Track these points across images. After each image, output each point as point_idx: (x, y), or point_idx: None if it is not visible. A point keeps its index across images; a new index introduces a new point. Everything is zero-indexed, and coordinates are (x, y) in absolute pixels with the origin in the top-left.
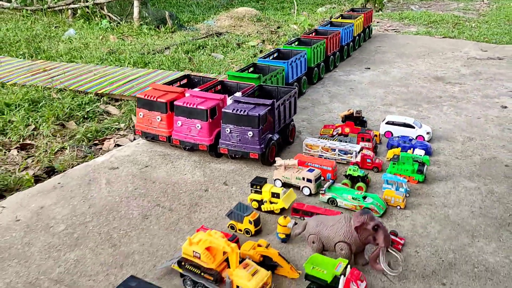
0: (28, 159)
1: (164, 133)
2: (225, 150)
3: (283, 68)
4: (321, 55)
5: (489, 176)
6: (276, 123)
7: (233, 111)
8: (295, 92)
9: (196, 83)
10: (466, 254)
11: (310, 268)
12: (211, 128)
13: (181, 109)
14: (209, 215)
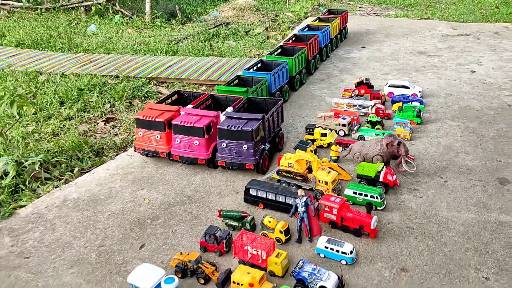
0: (115, 128)
1: (164, 150)
2: (223, 162)
3: (267, 79)
4: (303, 62)
5: (465, 117)
6: (266, 134)
7: (228, 127)
8: (281, 103)
9: (186, 98)
10: (454, 162)
11: (360, 170)
12: (208, 144)
13: (179, 127)
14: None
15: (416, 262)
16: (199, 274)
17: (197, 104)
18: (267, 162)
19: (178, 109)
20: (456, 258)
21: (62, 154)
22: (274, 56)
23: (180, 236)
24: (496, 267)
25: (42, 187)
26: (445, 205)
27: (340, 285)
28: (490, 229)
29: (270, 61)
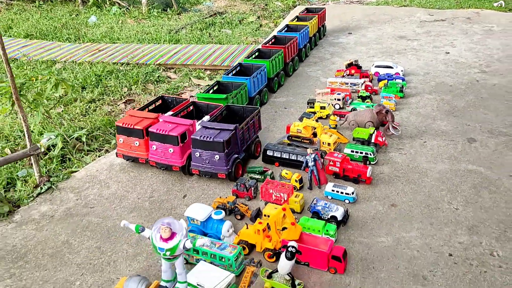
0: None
1: (143, 156)
2: (197, 171)
3: (246, 84)
4: (280, 64)
5: (440, 91)
6: (241, 143)
7: (201, 138)
8: (258, 111)
9: (170, 103)
10: (431, 127)
11: (356, 133)
12: (182, 151)
13: (155, 135)
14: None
15: (402, 199)
16: (236, 212)
17: (177, 111)
18: (240, 170)
19: (157, 117)
20: (433, 196)
21: (96, 130)
22: (252, 60)
23: (213, 188)
24: (463, 201)
25: (86, 157)
26: (424, 159)
27: (346, 216)
28: (460, 175)
29: (248, 64)
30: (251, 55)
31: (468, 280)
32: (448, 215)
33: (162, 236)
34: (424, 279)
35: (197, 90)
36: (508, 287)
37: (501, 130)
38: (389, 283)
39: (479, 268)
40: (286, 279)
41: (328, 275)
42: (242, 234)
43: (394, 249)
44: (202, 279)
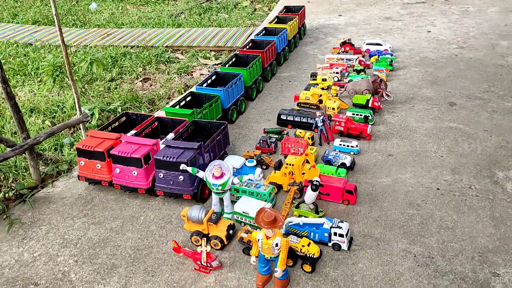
0: (151, 86)
1: (106, 179)
2: (161, 192)
3: (218, 96)
4: (258, 70)
5: (424, 64)
6: (207, 161)
7: (164, 158)
8: (225, 127)
9: (134, 119)
10: (417, 94)
11: (355, 100)
12: (147, 173)
13: (117, 158)
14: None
15: (397, 150)
16: (261, 163)
17: (141, 128)
18: (207, 191)
19: (118, 137)
20: (422, 147)
21: (124, 104)
22: (228, 68)
23: (238, 146)
24: (447, 150)
25: None
26: (413, 120)
27: (353, 163)
28: (443, 131)
29: (224, 72)
30: (228, 61)
31: (452, 205)
32: (435, 161)
33: (214, 174)
34: (417, 206)
35: (206, 69)
36: (482, 209)
37: (477, 95)
38: (391, 209)
39: (461, 197)
40: (311, 208)
41: (343, 206)
42: (271, 178)
43: (393, 186)
44: (247, 208)
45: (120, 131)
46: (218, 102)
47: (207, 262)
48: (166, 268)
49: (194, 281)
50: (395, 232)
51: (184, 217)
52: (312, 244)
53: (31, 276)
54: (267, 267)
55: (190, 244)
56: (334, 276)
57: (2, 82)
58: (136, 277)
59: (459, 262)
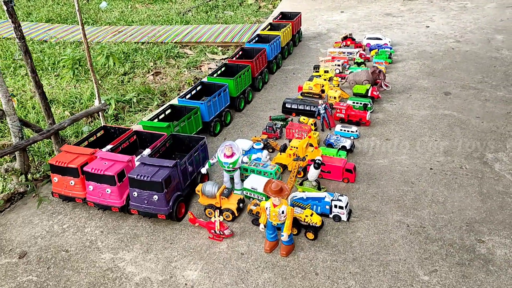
0: (162, 79)
1: (80, 196)
2: (135, 211)
3: (197, 108)
4: (247, 80)
5: (422, 57)
6: (184, 178)
7: (138, 177)
8: (204, 142)
9: (113, 133)
10: (415, 85)
11: (356, 89)
12: (121, 191)
13: (91, 175)
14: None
15: (394, 135)
16: (268, 146)
17: (119, 142)
18: (183, 209)
19: (93, 153)
20: (417, 132)
21: (138, 95)
22: (215, 78)
23: (246, 133)
24: (440, 135)
25: (135, 115)
26: (410, 108)
27: (352, 146)
28: (438, 118)
29: (210, 83)
30: (216, 71)
31: (444, 183)
32: (429, 144)
33: (225, 153)
34: (412, 183)
35: (213, 63)
36: (472, 186)
37: (471, 85)
38: (387, 187)
39: (452, 176)
40: (313, 185)
41: (343, 184)
42: (276, 159)
43: (390, 167)
44: (255, 184)
45: (98, 145)
46: (198, 115)
47: (220, 230)
48: (183, 237)
49: (209, 247)
50: (390, 206)
51: (199, 192)
52: (314, 214)
53: (62, 244)
54: (274, 234)
55: (204, 217)
56: (335, 243)
57: (32, 71)
58: (157, 244)
59: (448, 231)
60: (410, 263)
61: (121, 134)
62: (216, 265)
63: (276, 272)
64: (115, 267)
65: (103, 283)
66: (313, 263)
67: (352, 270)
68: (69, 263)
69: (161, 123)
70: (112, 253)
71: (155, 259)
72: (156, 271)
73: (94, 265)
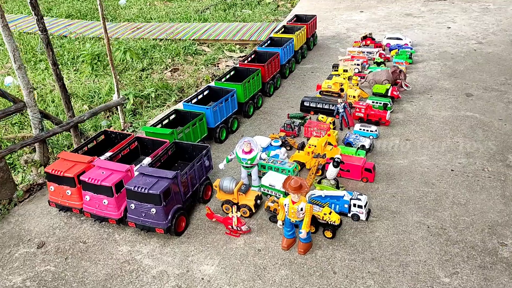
0: (180, 76)
1: (77, 206)
2: (133, 224)
3: (203, 114)
4: (257, 85)
5: (443, 58)
6: (185, 190)
7: (135, 189)
8: (208, 150)
9: (113, 138)
10: (436, 86)
11: (376, 89)
12: (118, 203)
13: (87, 185)
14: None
15: (414, 136)
16: (286, 144)
17: (119, 149)
18: (184, 223)
19: (91, 161)
20: (439, 133)
21: (156, 91)
22: (223, 83)
23: (263, 130)
24: (462, 137)
25: (153, 111)
26: (431, 109)
27: (372, 145)
28: (459, 119)
29: (218, 88)
30: (225, 75)
31: (465, 185)
32: (450, 145)
33: (244, 150)
34: (432, 184)
35: (231, 61)
36: (494, 189)
37: (494, 87)
38: (407, 187)
39: (474, 178)
40: (332, 184)
41: (362, 183)
42: (294, 157)
43: (410, 167)
44: (273, 181)
45: (99, 150)
46: (203, 121)
47: (238, 226)
48: (200, 232)
49: (226, 243)
50: (410, 207)
51: (216, 187)
52: (333, 212)
53: (80, 236)
54: (292, 231)
55: (221, 212)
56: (353, 242)
57: (53, 64)
58: (173, 239)
59: (469, 233)
60: (431, 265)
61: (122, 139)
62: (233, 260)
63: (294, 269)
64: (132, 259)
65: (120, 275)
66: (331, 261)
67: (370, 269)
68: (87, 254)
69: (164, 129)
70: (129, 245)
71: (172, 253)
72: (173, 264)
73: (111, 257)
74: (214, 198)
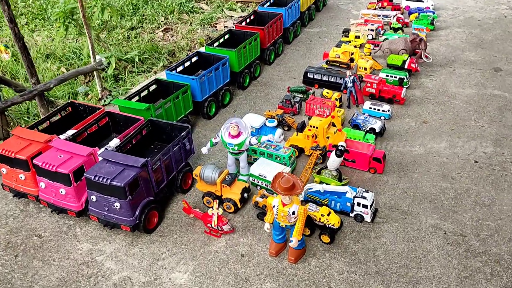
0: (173, 37)
1: (32, 192)
2: (95, 218)
3: (187, 86)
4: (254, 51)
5: (469, 25)
6: (158, 180)
7: (96, 178)
8: (187, 132)
9: (81, 111)
10: (460, 57)
11: (390, 60)
12: (78, 193)
13: (42, 170)
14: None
15: (433, 117)
16: (283, 123)
17: (84, 126)
18: (156, 218)
19: (48, 140)
20: (461, 115)
21: (144, 54)
22: (214, 48)
23: (259, 105)
24: (488, 120)
25: (138, 77)
26: (453, 85)
27: (383, 128)
28: (486, 99)
29: (208, 54)
30: (217, 39)
31: (491, 180)
32: (475, 131)
33: (231, 133)
34: (452, 179)
35: (230, 21)
36: None
37: None
38: (421, 181)
39: (501, 172)
40: (333, 175)
41: (368, 175)
42: (292, 140)
43: (426, 156)
44: (264, 171)
45: (64, 126)
46: (188, 94)
47: (218, 226)
48: (176, 229)
49: (204, 244)
50: (424, 206)
51: (197, 176)
52: (332, 213)
53: (35, 227)
54: (282, 235)
55: (202, 205)
56: (354, 250)
57: (9, 21)
58: (143, 236)
59: (494, 243)
60: (446, 283)
61: (91, 113)
62: (210, 267)
63: (281, 283)
64: (92, 261)
65: (75, 280)
66: (326, 273)
67: (373, 286)
68: (40, 252)
69: (139, 104)
70: (90, 243)
71: (139, 254)
72: (139, 270)
73: (68, 256)
74: (195, 188)
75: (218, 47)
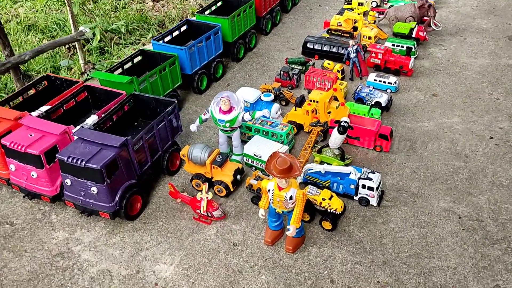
0: (163, 7)
1: (3, 176)
2: (71, 204)
3: (175, 57)
4: (249, 20)
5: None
6: (140, 162)
7: (69, 160)
8: (174, 107)
9: (58, 86)
10: (471, 25)
11: (397, 28)
12: (51, 176)
13: (10, 151)
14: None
15: (443, 90)
16: (281, 98)
17: (60, 101)
18: (140, 204)
19: (18, 117)
20: (474, 87)
21: (132, 25)
22: (205, 16)
23: (255, 78)
24: (504, 92)
25: (125, 49)
26: (464, 54)
27: (389, 102)
28: (500, 69)
29: (200, 22)
30: (211, 6)
31: (509, 158)
32: (489, 104)
33: (222, 108)
34: (466, 157)
35: None
36: None
37: None
38: (432, 160)
39: None
40: (336, 154)
41: (374, 153)
42: (290, 116)
43: (437, 132)
44: (259, 150)
45: (40, 102)
46: (176, 66)
47: (208, 212)
48: (161, 215)
49: (192, 232)
50: (436, 188)
51: (185, 156)
52: (334, 197)
53: (7, 214)
54: (279, 222)
55: (190, 189)
56: (359, 237)
57: None
58: (125, 224)
59: None
60: (462, 274)
61: (69, 87)
62: (199, 258)
63: (278, 275)
64: (68, 251)
65: (49, 273)
66: (328, 264)
67: (380, 278)
68: (12, 241)
69: (121, 76)
70: (67, 231)
71: (120, 244)
72: (120, 261)
73: (42, 246)
74: (182, 170)
75: (210, 15)
